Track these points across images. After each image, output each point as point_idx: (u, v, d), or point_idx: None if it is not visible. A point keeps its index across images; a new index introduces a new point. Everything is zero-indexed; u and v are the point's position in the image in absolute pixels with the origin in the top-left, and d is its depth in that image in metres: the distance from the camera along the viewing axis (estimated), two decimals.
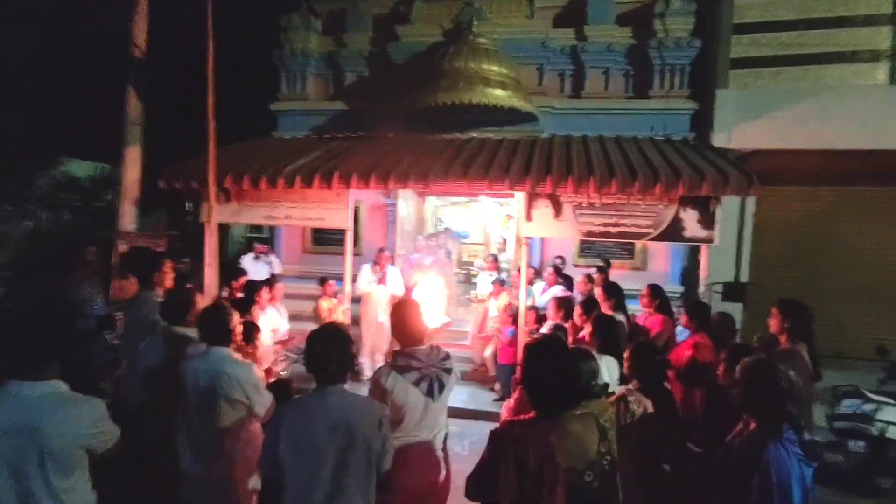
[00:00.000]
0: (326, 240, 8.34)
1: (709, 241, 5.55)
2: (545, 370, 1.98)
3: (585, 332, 3.91)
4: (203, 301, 3.30)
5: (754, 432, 1.99)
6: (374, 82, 8.20)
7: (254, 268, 7.35)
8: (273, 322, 4.74)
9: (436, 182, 5.91)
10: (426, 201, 9.10)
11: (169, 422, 2.71)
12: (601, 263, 6.76)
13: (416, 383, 2.53)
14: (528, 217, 5.81)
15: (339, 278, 6.46)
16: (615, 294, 4.61)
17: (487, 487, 1.92)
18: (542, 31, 7.58)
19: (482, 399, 6.37)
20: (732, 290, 6.34)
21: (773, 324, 3.69)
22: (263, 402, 2.62)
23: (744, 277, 7.81)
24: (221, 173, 6.08)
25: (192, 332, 2.89)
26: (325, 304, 6.16)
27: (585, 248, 7.68)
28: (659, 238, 5.67)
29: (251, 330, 3.29)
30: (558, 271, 6.64)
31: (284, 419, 1.95)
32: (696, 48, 7.27)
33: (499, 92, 6.81)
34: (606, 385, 3.13)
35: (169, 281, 3.62)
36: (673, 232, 5.60)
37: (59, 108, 13.27)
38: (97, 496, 2.01)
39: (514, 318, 6.05)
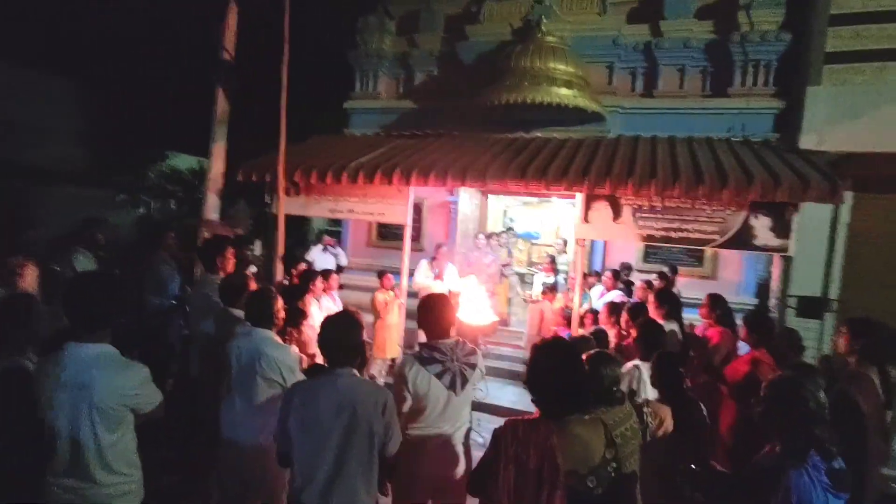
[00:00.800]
0: (390, 234, 8.61)
1: (782, 250, 5.16)
2: (550, 372, 1.98)
3: (630, 337, 3.81)
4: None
5: (778, 455, 1.87)
6: (443, 82, 8.33)
7: (321, 259, 7.75)
8: (326, 310, 4.98)
9: (493, 181, 5.94)
10: (489, 200, 9.11)
11: (216, 393, 2.97)
12: (664, 269, 6.45)
13: (439, 376, 2.60)
14: (585, 219, 5.69)
15: (399, 272, 6.66)
16: (668, 302, 4.41)
17: (487, 484, 1.96)
18: (614, 27, 7.35)
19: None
20: (810, 306, 5.83)
21: (841, 343, 3.39)
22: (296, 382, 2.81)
23: (834, 294, 7.14)
24: (292, 167, 6.48)
25: (243, 314, 3.14)
26: (381, 296, 6.38)
27: (651, 254, 7.37)
28: (725, 245, 5.36)
29: (297, 315, 3.50)
30: (617, 276, 6.43)
31: (295, 396, 2.10)
32: (784, 42, 6.74)
33: (564, 91, 6.70)
34: (633, 392, 3.04)
35: (231, 266, 3.94)
36: (741, 240, 5.26)
37: (166, 107, 14.65)
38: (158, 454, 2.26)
39: (569, 321, 5.95)
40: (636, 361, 3.41)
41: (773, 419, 1.89)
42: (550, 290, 6.78)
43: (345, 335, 2.14)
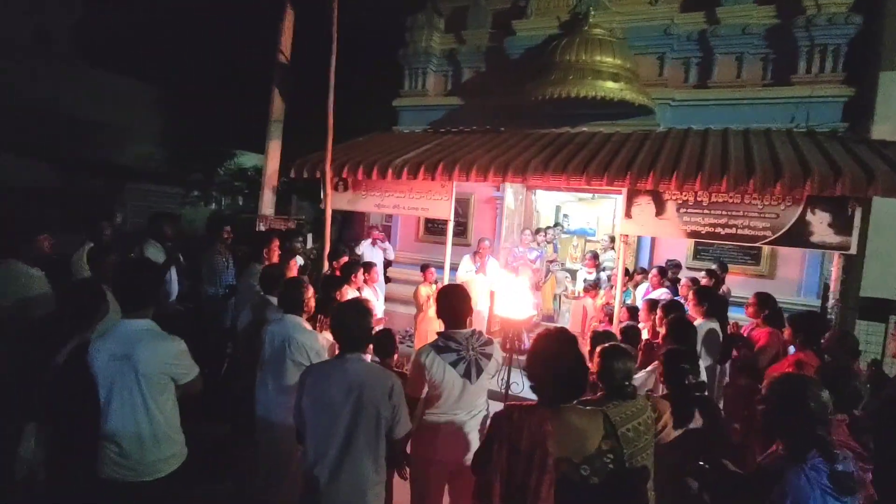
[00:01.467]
0: (437, 229, 8.74)
1: (843, 248, 4.84)
2: (547, 360, 2.02)
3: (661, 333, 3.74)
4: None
5: (780, 456, 1.82)
6: (490, 78, 8.36)
7: (370, 253, 7.99)
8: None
9: (534, 176, 5.94)
10: (540, 196, 9.06)
11: (253, 376, 3.21)
12: (713, 267, 6.19)
13: (454, 364, 2.69)
14: (628, 214, 5.58)
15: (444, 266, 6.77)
16: (707, 300, 4.27)
17: (484, 463, 2.03)
18: (666, 16, 7.09)
19: None
20: (873, 308, 5.42)
21: (892, 346, 3.17)
22: None
23: None
24: (340, 164, 6.76)
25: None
26: (424, 290, 6.53)
27: (702, 251, 7.08)
28: (778, 242, 5.10)
29: (329, 303, 3.69)
30: (663, 273, 6.24)
31: (308, 378, 2.26)
32: (854, 25, 6.26)
33: (610, 84, 6.56)
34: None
35: (275, 256, 4.20)
36: (796, 237, 4.98)
37: (235, 108, 15.54)
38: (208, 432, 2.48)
39: (611, 318, 5.86)
40: None
41: (775, 419, 1.84)
42: (593, 286, 6.68)
43: (354, 322, 2.28)
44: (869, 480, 2.35)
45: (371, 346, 3.09)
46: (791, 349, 4.33)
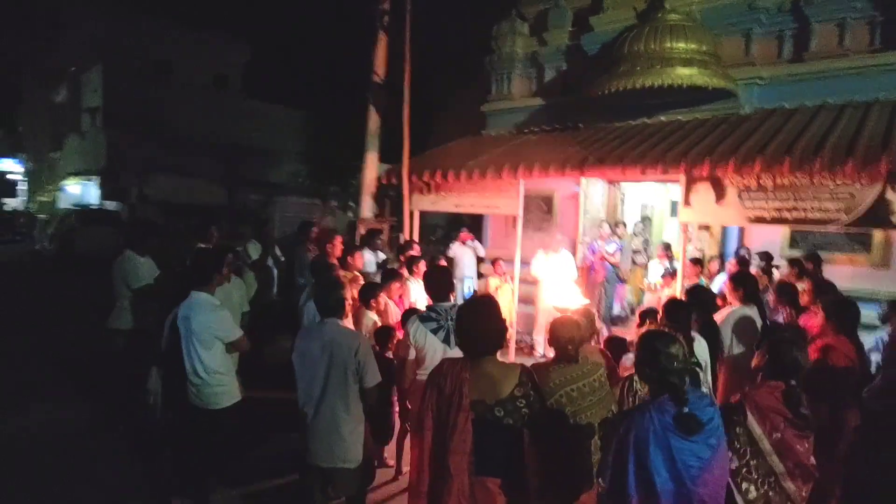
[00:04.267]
0: (528, 225, 9.02)
1: None
2: (468, 320, 2.41)
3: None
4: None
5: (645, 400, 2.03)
6: (570, 76, 8.49)
7: (461, 252, 8.51)
8: (415, 294, 5.55)
9: (591, 169, 6.08)
10: (625, 189, 8.90)
11: None
12: (800, 256, 5.69)
13: (434, 331, 3.18)
14: (687, 202, 5.46)
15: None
16: (744, 284, 4.12)
17: (424, 402, 2.50)
18: None
19: None
20: None
21: None
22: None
23: None
24: (423, 169, 7.50)
25: None
26: (493, 281, 6.98)
27: (799, 239, 6.46)
28: (855, 224, 4.67)
29: (371, 293, 4.31)
30: (743, 263, 5.90)
31: (298, 337, 2.95)
32: None
33: (680, 70, 6.38)
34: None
35: (338, 251, 5.02)
36: (876, 217, 4.54)
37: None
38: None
39: None
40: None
41: (639, 370, 2.05)
42: (671, 276, 6.52)
43: (328, 293, 2.91)
44: (806, 448, 2.35)
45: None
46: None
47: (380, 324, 4.33)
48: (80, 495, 3.70)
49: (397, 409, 4.10)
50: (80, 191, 23.04)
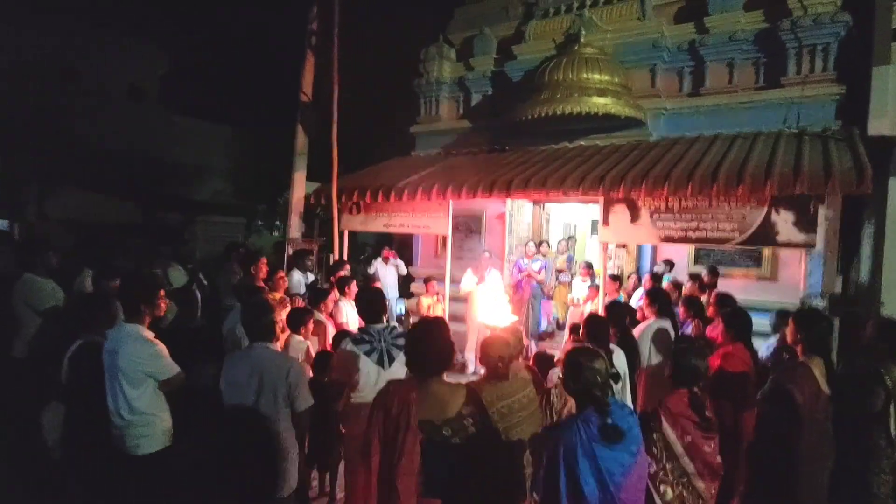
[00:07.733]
0: (454, 245, 9.24)
1: (808, 245, 4.91)
2: (416, 342, 2.46)
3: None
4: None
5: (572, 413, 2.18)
6: (496, 101, 8.84)
7: (383, 270, 8.53)
8: (347, 315, 5.53)
9: (517, 192, 6.36)
10: (551, 209, 9.36)
11: None
12: (701, 272, 6.25)
13: (368, 353, 3.20)
14: (605, 222, 5.85)
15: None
16: (658, 300, 4.48)
17: (369, 425, 2.49)
18: (655, 30, 7.30)
19: None
20: (839, 306, 5.32)
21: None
22: None
23: None
24: (353, 189, 7.49)
25: None
26: (425, 300, 7.06)
27: (703, 255, 7.09)
28: (746, 243, 5.23)
29: (301, 317, 4.25)
30: (656, 278, 6.37)
31: (226, 364, 2.86)
32: (843, 23, 6.21)
33: (595, 99, 6.86)
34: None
35: (264, 272, 4.91)
36: (763, 236, 5.09)
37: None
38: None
39: None
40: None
41: (566, 384, 2.20)
42: (594, 291, 6.90)
43: (258, 317, 2.85)
44: (713, 448, 2.59)
45: None
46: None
47: (313, 349, 4.28)
48: None
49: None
50: None
